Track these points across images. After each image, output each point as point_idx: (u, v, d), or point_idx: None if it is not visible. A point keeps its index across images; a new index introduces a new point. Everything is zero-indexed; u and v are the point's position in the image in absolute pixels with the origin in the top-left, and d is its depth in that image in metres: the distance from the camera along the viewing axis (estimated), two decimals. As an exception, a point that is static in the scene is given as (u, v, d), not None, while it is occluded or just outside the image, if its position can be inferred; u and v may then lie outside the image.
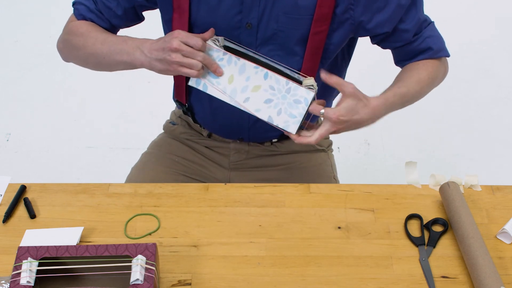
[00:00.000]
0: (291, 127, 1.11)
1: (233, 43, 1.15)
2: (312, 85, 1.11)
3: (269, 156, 1.40)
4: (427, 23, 1.24)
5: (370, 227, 1.13)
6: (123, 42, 1.17)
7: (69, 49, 1.27)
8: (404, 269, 1.07)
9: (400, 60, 1.29)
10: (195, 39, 1.08)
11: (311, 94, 1.09)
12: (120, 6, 1.22)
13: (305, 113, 1.10)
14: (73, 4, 1.27)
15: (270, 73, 1.10)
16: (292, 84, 1.10)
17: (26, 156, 2.38)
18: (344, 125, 1.11)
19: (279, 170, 1.40)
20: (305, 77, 1.13)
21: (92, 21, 1.24)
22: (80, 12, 1.24)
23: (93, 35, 1.21)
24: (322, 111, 1.09)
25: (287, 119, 1.11)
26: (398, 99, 1.18)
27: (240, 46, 1.16)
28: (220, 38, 1.14)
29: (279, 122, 1.11)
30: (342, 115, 1.08)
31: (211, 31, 1.14)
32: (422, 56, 1.25)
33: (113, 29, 1.27)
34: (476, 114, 2.59)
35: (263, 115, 1.12)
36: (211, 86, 1.13)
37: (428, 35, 1.24)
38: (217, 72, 1.11)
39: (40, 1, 3.15)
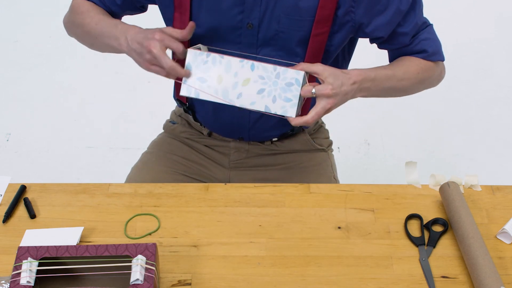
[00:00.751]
0: (290, 111, 1.10)
1: (215, 49, 1.15)
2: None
3: (269, 155, 1.40)
4: (425, 25, 1.24)
5: (370, 227, 1.13)
6: (114, 27, 1.18)
7: (70, 25, 1.30)
8: (404, 269, 1.07)
9: (394, 59, 1.29)
10: (176, 44, 1.09)
11: (301, 73, 1.09)
12: None
13: (300, 94, 1.09)
14: None
15: (256, 63, 1.10)
16: (280, 68, 1.09)
17: (26, 156, 2.38)
18: (337, 99, 1.11)
19: (279, 169, 1.40)
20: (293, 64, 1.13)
21: (94, 3, 1.27)
22: None
23: (90, 15, 1.23)
24: (313, 90, 1.09)
25: (283, 104, 1.10)
26: (381, 77, 1.18)
27: (223, 51, 1.15)
28: (203, 47, 1.15)
29: (276, 109, 1.10)
30: (334, 88, 1.09)
31: (190, 25, 1.12)
32: (416, 56, 1.25)
33: (113, 16, 1.28)
34: (476, 114, 2.59)
35: (259, 107, 1.11)
36: (202, 92, 1.12)
37: (425, 37, 1.24)
38: (187, 74, 1.12)
39: (40, 1, 3.16)
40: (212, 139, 1.41)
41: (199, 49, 1.14)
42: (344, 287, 1.04)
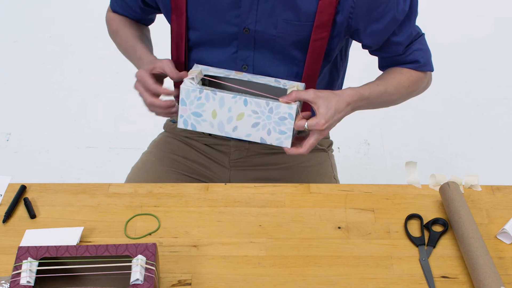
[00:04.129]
0: (285, 143, 1.13)
1: (211, 72, 1.17)
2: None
3: (269, 154, 1.40)
4: (418, 35, 1.25)
5: (370, 227, 1.13)
6: (134, 53, 1.27)
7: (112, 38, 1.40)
8: (404, 269, 1.07)
9: (385, 66, 1.30)
10: (152, 87, 1.14)
11: (293, 107, 1.09)
12: (137, 3, 1.29)
13: (293, 126, 1.11)
14: None
15: (249, 99, 1.11)
16: (273, 103, 1.10)
17: (26, 156, 2.38)
18: (330, 129, 1.13)
19: (279, 169, 1.40)
20: (285, 89, 1.14)
21: (119, 13, 1.34)
22: (112, 2, 1.35)
23: (120, 35, 1.33)
24: (305, 125, 1.10)
25: (278, 136, 1.13)
26: (374, 95, 1.19)
27: (220, 71, 1.17)
28: (196, 75, 1.15)
29: (272, 141, 1.14)
30: (327, 121, 1.10)
31: (182, 74, 1.15)
32: (408, 66, 1.26)
33: (138, 20, 1.36)
34: (476, 114, 2.59)
35: (255, 138, 1.14)
36: (198, 124, 1.15)
37: (417, 48, 1.24)
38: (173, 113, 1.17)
39: (40, 1, 3.16)
40: (213, 138, 1.41)
41: (194, 79, 1.15)
42: (344, 287, 1.04)
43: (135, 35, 1.30)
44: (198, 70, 1.16)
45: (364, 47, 1.25)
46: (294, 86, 1.13)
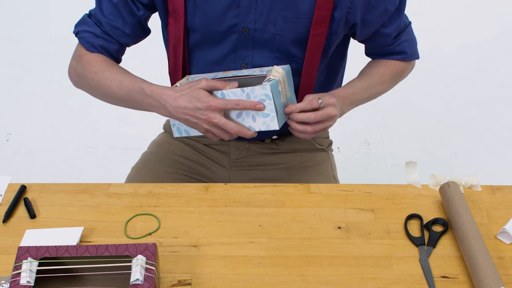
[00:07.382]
0: (272, 125, 1.12)
1: (198, 75, 1.20)
2: (270, 78, 1.11)
3: (269, 154, 1.40)
4: (406, 25, 1.27)
5: (370, 227, 1.13)
6: (141, 92, 1.15)
7: (84, 84, 1.25)
8: (404, 269, 1.07)
9: (372, 53, 1.33)
10: (224, 102, 1.10)
11: (268, 88, 1.09)
12: (126, 23, 1.20)
13: (275, 106, 1.11)
14: (76, 33, 1.24)
15: (225, 92, 1.11)
16: (247, 89, 1.10)
17: (26, 156, 2.38)
18: (337, 109, 1.16)
19: (279, 169, 1.40)
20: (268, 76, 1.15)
21: (101, 46, 1.21)
22: (87, 40, 1.21)
23: (107, 76, 1.18)
24: (320, 101, 1.12)
25: (264, 120, 1.12)
26: (358, 92, 1.24)
27: (207, 75, 1.20)
28: (181, 83, 1.18)
29: (259, 126, 1.13)
30: (335, 98, 1.16)
31: (233, 85, 1.13)
32: (395, 57, 1.29)
33: (122, 48, 1.25)
34: (476, 114, 2.59)
35: None
36: (191, 129, 1.18)
37: (405, 39, 1.27)
38: (253, 134, 1.14)
39: (40, 1, 3.16)
40: (212, 138, 1.41)
41: (183, 80, 1.20)
42: (344, 287, 1.04)
43: (125, 72, 1.20)
44: (184, 79, 1.20)
45: (352, 36, 1.26)
46: (271, 70, 1.13)
